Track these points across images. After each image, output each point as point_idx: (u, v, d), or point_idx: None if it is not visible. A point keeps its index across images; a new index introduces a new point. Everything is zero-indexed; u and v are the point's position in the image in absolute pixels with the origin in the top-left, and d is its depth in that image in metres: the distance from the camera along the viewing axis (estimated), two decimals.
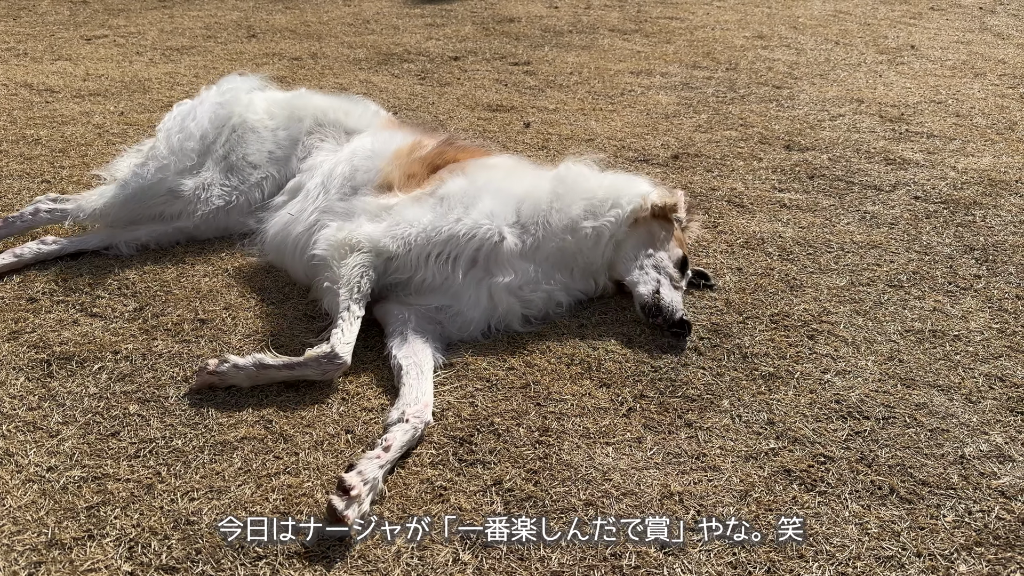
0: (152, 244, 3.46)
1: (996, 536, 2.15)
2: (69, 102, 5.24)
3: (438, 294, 2.93)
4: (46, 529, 2.10)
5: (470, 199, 3.02)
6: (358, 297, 2.80)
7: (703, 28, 7.74)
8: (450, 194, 3.04)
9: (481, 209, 3.00)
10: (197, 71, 6.05)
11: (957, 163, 4.52)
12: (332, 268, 2.87)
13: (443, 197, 3.04)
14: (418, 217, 2.98)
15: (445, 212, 2.99)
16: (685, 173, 4.37)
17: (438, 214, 2.99)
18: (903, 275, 3.40)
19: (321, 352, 2.62)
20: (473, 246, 2.93)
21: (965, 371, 2.81)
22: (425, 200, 3.05)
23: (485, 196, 3.03)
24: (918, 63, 6.62)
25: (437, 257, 2.92)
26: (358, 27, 7.57)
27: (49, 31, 7.17)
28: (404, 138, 3.47)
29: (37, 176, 4.09)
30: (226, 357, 2.63)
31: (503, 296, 2.93)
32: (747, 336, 2.98)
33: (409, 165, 3.25)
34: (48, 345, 2.82)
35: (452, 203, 3.01)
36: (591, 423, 2.53)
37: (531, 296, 2.99)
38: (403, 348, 2.75)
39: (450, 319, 2.92)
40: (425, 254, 2.93)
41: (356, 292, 2.81)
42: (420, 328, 2.85)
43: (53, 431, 2.44)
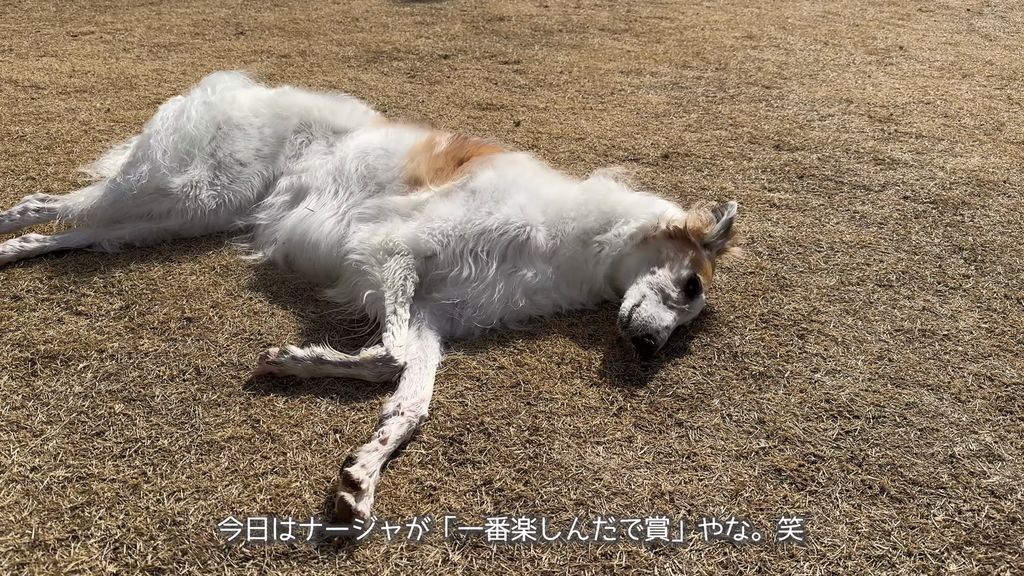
0: (137, 242, 3.43)
1: (986, 535, 2.15)
2: (55, 99, 5.19)
3: (467, 288, 2.94)
4: (29, 530, 2.07)
5: (501, 193, 3.06)
6: (403, 300, 2.82)
7: (693, 28, 7.74)
8: (481, 187, 3.08)
9: (512, 203, 3.04)
10: (185, 68, 6.00)
11: (946, 163, 4.54)
12: (373, 273, 2.88)
13: (474, 190, 3.07)
14: (452, 212, 3.01)
15: (477, 206, 3.02)
16: (675, 172, 4.37)
17: (471, 208, 3.02)
18: (892, 275, 3.40)
19: (377, 355, 2.64)
20: (505, 240, 2.97)
21: (954, 370, 2.81)
22: (456, 193, 3.09)
23: (515, 191, 3.08)
24: (906, 64, 6.64)
25: (471, 251, 2.95)
26: (347, 25, 7.54)
27: (35, 27, 7.10)
28: (416, 135, 3.48)
29: (22, 173, 4.05)
30: (287, 348, 2.64)
31: (523, 294, 2.96)
32: (737, 335, 2.97)
33: (434, 160, 3.27)
34: (32, 344, 2.78)
35: (483, 197, 3.05)
36: (581, 422, 2.52)
37: (543, 301, 3.02)
38: (412, 342, 2.75)
39: (470, 312, 2.93)
40: (460, 249, 2.95)
41: (401, 295, 2.83)
42: (432, 323, 2.87)
43: (37, 430, 2.41)
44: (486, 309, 2.93)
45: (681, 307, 2.89)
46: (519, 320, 3.00)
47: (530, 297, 2.98)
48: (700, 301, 2.97)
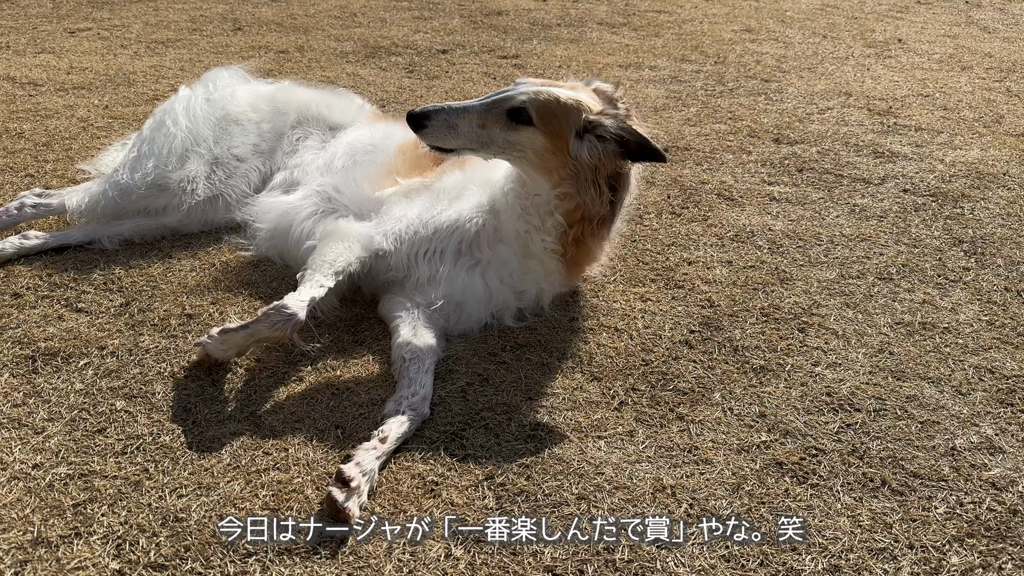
0: (136, 239, 3.42)
1: (987, 527, 2.15)
2: (53, 95, 5.18)
3: (435, 286, 2.89)
4: (32, 527, 2.07)
5: (460, 191, 3.00)
6: (328, 271, 2.71)
7: (691, 22, 7.73)
8: (444, 187, 3.02)
9: (469, 198, 2.98)
10: (183, 64, 5.99)
11: (945, 156, 4.54)
12: (317, 249, 2.84)
13: (438, 191, 3.02)
14: (407, 212, 2.96)
15: (432, 205, 2.97)
16: (674, 167, 4.36)
17: (427, 207, 2.97)
18: (893, 268, 3.40)
19: (271, 305, 2.56)
20: (458, 236, 2.91)
21: (955, 363, 2.81)
22: (420, 193, 3.04)
23: (477, 187, 3.01)
24: (905, 57, 6.63)
25: (425, 253, 2.90)
26: (345, 20, 7.52)
27: (32, 24, 7.08)
28: (406, 132, 3.44)
29: (20, 170, 4.04)
30: (209, 332, 2.61)
31: (496, 284, 2.91)
32: (738, 329, 2.97)
33: (416, 159, 3.22)
34: (33, 341, 2.78)
35: (442, 196, 2.99)
36: (583, 417, 2.52)
37: (519, 284, 2.95)
38: (408, 340, 2.71)
39: (453, 311, 2.88)
40: (415, 251, 2.90)
41: (327, 267, 2.73)
42: (427, 321, 2.82)
43: (38, 428, 2.40)
44: (465, 307, 2.89)
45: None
46: (513, 314, 2.97)
47: (506, 283, 2.92)
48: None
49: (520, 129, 2.68)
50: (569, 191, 2.75)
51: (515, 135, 2.68)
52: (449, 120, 2.67)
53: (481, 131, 2.69)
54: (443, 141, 2.71)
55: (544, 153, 2.71)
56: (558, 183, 2.75)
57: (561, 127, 2.67)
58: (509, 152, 2.73)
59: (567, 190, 2.75)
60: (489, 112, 2.68)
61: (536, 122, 2.67)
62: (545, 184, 2.78)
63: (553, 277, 2.97)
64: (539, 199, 2.81)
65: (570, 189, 2.75)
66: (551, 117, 2.67)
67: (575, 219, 2.80)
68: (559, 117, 2.67)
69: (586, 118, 2.66)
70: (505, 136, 2.68)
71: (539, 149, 2.70)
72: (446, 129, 2.68)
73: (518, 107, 2.66)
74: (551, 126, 2.67)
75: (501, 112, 2.68)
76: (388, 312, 2.90)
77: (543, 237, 2.85)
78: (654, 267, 3.39)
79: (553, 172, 2.74)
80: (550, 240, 2.85)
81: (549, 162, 2.73)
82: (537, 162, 2.74)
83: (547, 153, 2.71)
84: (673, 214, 3.85)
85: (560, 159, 2.71)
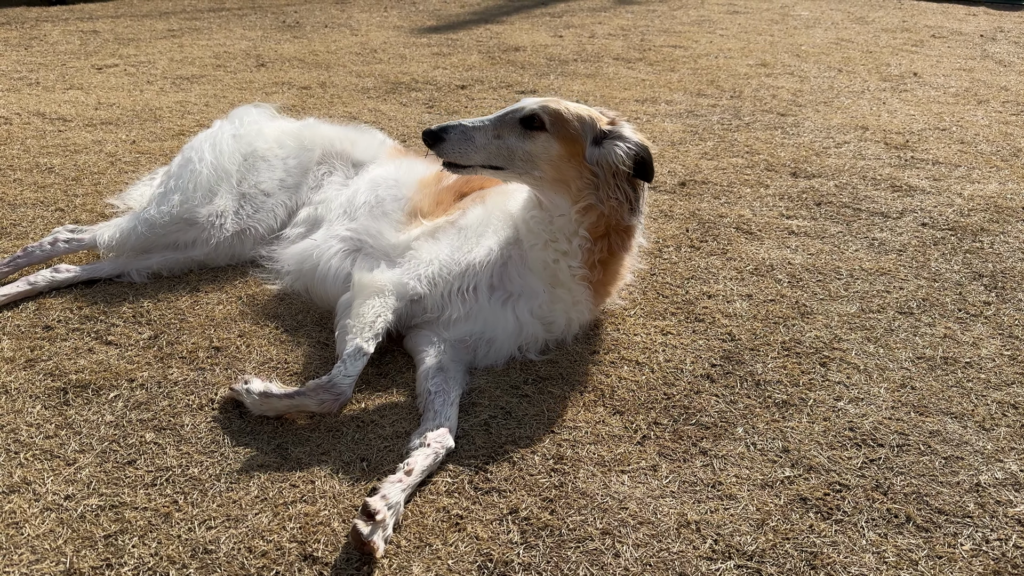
0: (164, 272, 3.49)
1: (1015, 565, 2.14)
2: (81, 131, 5.30)
3: (468, 322, 2.92)
4: (64, 558, 2.10)
5: (485, 227, 3.04)
6: (368, 336, 2.73)
7: (706, 56, 7.81)
8: (468, 224, 3.06)
9: (494, 233, 3.02)
10: (207, 100, 6.11)
11: (963, 190, 4.55)
12: (354, 307, 2.86)
13: (462, 227, 3.06)
14: (438, 253, 2.99)
15: (461, 243, 3.01)
16: (692, 200, 4.40)
17: (455, 246, 3.00)
18: (913, 302, 3.41)
19: (320, 382, 2.60)
20: (488, 270, 2.95)
21: (978, 398, 2.81)
22: (445, 231, 3.08)
23: (497, 219, 3.06)
24: (921, 90, 6.67)
25: (459, 290, 2.92)
26: (366, 56, 7.65)
27: (60, 60, 7.26)
28: (427, 167, 3.51)
29: (51, 204, 4.13)
30: (248, 379, 2.66)
31: (526, 317, 2.94)
32: (759, 363, 2.98)
33: (437, 194, 3.28)
34: (64, 373, 2.83)
35: (468, 233, 3.03)
36: (605, 451, 2.54)
37: (549, 315, 2.98)
38: (434, 373, 2.75)
39: (483, 345, 2.92)
40: (447, 290, 2.92)
41: (368, 331, 2.74)
42: (453, 355, 2.85)
43: (70, 459, 2.45)
44: (496, 341, 2.92)
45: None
46: (538, 347, 3.00)
47: (535, 315, 2.95)
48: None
49: (535, 136, 2.77)
50: (590, 201, 2.81)
51: (530, 143, 2.77)
52: (466, 132, 2.76)
53: (498, 141, 2.78)
54: (460, 156, 2.78)
55: (559, 162, 2.78)
56: (577, 197, 2.82)
57: (574, 132, 2.78)
58: (526, 165, 2.80)
59: (588, 201, 2.81)
60: (503, 122, 2.80)
61: (549, 126, 2.77)
62: (564, 202, 2.84)
63: (581, 305, 3.01)
64: (562, 220, 2.86)
65: (591, 199, 2.81)
66: (563, 122, 2.78)
67: (599, 233, 2.86)
68: (570, 123, 2.79)
69: (603, 127, 2.81)
70: (521, 145, 2.77)
71: (554, 157, 2.78)
72: (463, 141, 2.76)
73: (530, 114, 2.78)
74: (563, 131, 2.78)
75: (515, 120, 2.79)
76: (415, 346, 2.93)
77: (570, 263, 2.90)
78: (674, 300, 3.41)
79: (571, 184, 2.81)
80: (576, 265, 2.90)
81: (566, 172, 2.80)
82: (554, 175, 2.80)
83: (562, 161, 2.78)
84: (692, 247, 3.88)
85: (576, 167, 2.79)
